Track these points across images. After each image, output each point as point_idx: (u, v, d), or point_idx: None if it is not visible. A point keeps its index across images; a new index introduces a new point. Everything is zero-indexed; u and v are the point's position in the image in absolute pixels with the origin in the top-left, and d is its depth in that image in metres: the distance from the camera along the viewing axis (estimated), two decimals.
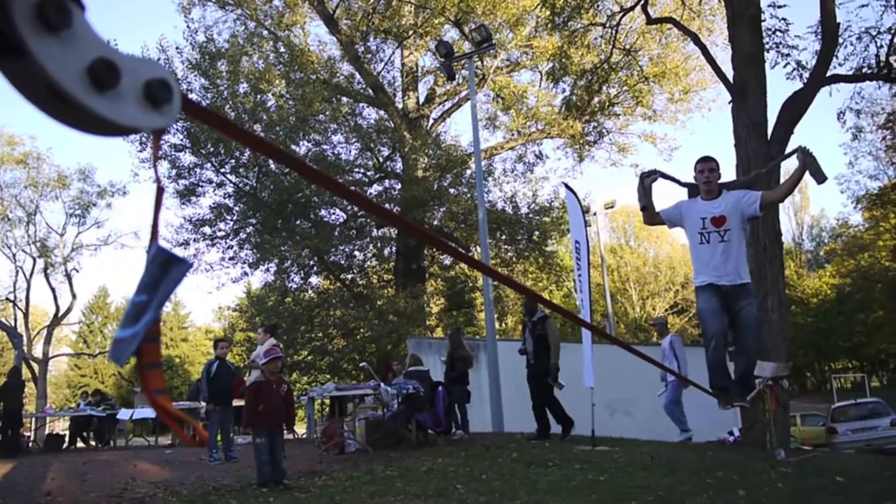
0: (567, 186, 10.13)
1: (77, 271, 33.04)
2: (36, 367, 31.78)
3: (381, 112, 23.10)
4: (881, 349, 45.90)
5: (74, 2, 0.63)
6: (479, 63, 20.99)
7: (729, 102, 10.43)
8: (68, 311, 34.04)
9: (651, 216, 5.07)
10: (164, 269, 0.79)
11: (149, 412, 14.18)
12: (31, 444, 15.33)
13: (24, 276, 32.74)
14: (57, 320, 33.72)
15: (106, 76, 0.63)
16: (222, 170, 21.11)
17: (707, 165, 4.96)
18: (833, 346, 44.52)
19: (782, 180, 7.73)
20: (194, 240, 21.92)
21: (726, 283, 4.78)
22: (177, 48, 21.21)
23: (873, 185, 33.27)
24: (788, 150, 6.09)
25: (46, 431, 17.29)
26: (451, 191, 21.39)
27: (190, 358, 51.20)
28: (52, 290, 32.49)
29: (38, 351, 33.45)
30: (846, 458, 9.94)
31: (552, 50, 19.35)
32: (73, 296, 33.20)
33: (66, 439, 16.17)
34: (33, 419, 17.55)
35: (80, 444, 15.83)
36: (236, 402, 10.51)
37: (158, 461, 9.85)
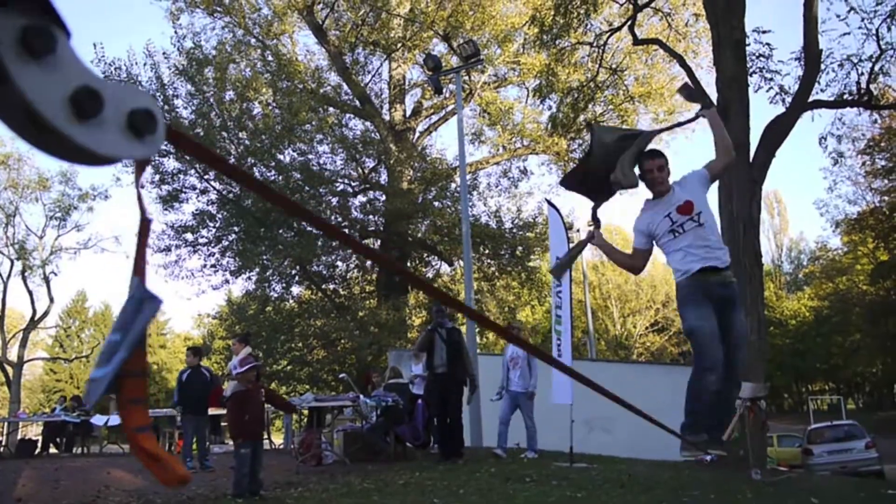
0: (550, 203, 10.18)
1: (55, 274, 32.63)
2: (10, 370, 31.33)
3: (368, 123, 23.09)
4: (858, 372, 46.43)
5: (59, 28, 0.62)
6: (467, 78, 21.08)
7: None
8: (45, 314, 33.62)
9: (641, 259, 4.33)
10: (138, 308, 0.74)
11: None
12: (2, 450, 15.09)
13: (1, 278, 32.27)
14: (33, 324, 33.25)
15: (88, 105, 0.62)
16: (206, 176, 20.98)
17: (656, 163, 4.09)
18: (810, 367, 44.93)
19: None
20: (176, 246, 21.76)
21: (719, 265, 3.97)
22: (164, 53, 21.09)
23: (852, 210, 33.69)
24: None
25: (19, 436, 17.02)
26: (436, 204, 21.40)
27: (168, 365, 50.70)
28: (30, 292, 32.09)
29: (13, 354, 32.94)
30: (821, 479, 10.02)
31: (539, 67, 19.50)
32: (51, 299, 32.82)
33: (39, 445, 15.93)
34: (5, 424, 17.26)
35: (52, 450, 15.60)
36: (212, 411, 10.42)
37: (133, 469, 9.69)
